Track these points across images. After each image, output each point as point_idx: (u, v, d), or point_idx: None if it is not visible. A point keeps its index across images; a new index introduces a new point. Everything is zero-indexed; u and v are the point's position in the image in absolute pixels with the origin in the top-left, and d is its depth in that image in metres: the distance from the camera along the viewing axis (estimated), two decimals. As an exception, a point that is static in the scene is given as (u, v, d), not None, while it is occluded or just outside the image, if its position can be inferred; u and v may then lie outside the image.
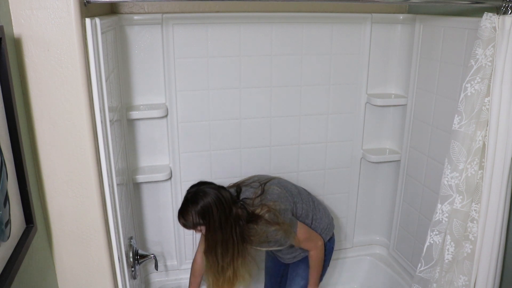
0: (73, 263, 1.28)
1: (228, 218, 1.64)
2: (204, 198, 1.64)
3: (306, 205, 1.85)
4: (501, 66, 1.42)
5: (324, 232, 1.89)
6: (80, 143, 1.18)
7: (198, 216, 1.64)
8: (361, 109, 2.29)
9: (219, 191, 1.67)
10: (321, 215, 1.90)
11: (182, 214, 1.68)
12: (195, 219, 1.64)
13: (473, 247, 1.61)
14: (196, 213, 1.64)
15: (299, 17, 2.06)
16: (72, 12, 1.08)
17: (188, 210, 1.66)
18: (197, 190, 1.68)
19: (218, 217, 1.63)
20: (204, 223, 1.65)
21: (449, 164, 1.58)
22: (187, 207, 1.66)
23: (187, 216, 1.66)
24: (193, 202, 1.65)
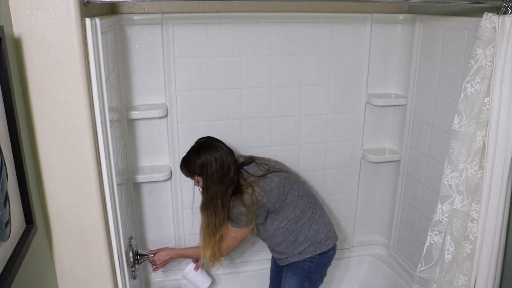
0: (73, 263, 1.28)
1: (224, 177, 1.70)
2: (207, 151, 1.71)
3: (300, 212, 1.82)
4: (501, 66, 1.42)
5: (314, 245, 1.84)
6: (80, 143, 1.18)
7: (198, 166, 1.71)
8: (361, 109, 2.29)
9: (224, 151, 1.73)
10: (318, 227, 1.85)
11: (184, 161, 1.77)
12: (194, 168, 1.72)
13: (473, 247, 1.61)
14: (196, 162, 1.71)
15: (299, 17, 2.06)
16: (72, 12, 1.08)
17: (190, 158, 1.74)
18: (204, 142, 1.76)
19: (215, 172, 1.69)
20: (202, 174, 1.72)
21: (449, 164, 1.58)
22: (190, 155, 1.74)
23: (188, 164, 1.74)
24: (197, 152, 1.73)
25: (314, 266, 1.86)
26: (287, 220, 1.81)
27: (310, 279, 1.87)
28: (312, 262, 1.85)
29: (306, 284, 1.88)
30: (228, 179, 1.71)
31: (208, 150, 1.71)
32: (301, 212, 1.83)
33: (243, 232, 1.80)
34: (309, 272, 1.86)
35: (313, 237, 1.83)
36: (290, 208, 1.80)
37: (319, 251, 1.84)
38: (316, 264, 1.86)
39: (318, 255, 1.85)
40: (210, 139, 1.79)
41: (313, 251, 1.84)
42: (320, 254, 1.85)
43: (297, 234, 1.83)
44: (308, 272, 1.86)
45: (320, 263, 1.87)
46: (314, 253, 1.84)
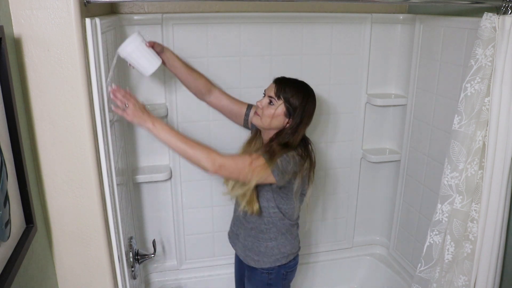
0: (73, 263, 1.28)
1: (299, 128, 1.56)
2: (314, 102, 1.59)
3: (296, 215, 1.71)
4: (501, 66, 1.42)
5: (280, 254, 1.71)
6: (80, 143, 1.18)
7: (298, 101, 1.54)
8: (361, 109, 2.29)
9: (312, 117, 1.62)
10: (285, 242, 1.71)
11: (289, 80, 1.59)
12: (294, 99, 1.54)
13: (473, 247, 1.61)
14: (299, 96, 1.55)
15: (299, 17, 2.06)
16: (72, 12, 1.08)
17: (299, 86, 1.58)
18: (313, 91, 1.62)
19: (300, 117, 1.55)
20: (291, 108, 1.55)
21: (449, 164, 1.58)
22: (301, 85, 1.59)
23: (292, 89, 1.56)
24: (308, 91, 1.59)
25: (273, 278, 1.74)
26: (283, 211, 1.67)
27: None
28: (270, 274, 1.73)
29: None
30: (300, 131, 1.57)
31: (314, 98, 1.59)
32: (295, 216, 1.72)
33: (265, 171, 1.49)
34: (269, 284, 1.74)
35: (282, 247, 1.71)
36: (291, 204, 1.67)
37: (278, 263, 1.71)
38: (275, 276, 1.73)
39: (277, 266, 1.72)
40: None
41: (272, 263, 1.71)
42: (279, 266, 1.72)
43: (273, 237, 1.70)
44: (267, 284, 1.74)
45: (280, 274, 1.74)
46: (274, 264, 1.71)
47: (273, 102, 1.57)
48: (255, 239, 1.71)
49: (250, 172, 1.49)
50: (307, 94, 1.58)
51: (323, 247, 2.52)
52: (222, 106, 1.80)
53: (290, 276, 1.80)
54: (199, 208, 2.25)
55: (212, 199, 2.26)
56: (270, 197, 1.63)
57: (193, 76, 1.72)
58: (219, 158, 1.44)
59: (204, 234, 2.31)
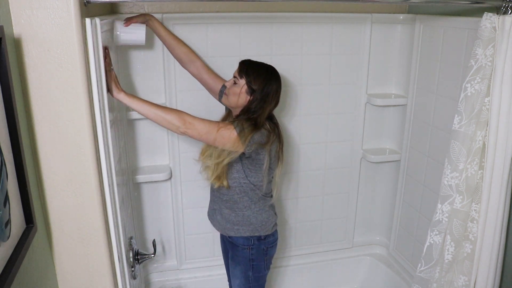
0: (73, 263, 1.28)
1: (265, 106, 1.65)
2: (277, 82, 1.67)
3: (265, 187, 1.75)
4: (501, 66, 1.42)
5: (258, 223, 1.76)
6: (80, 143, 1.18)
7: (259, 79, 1.64)
8: (361, 109, 2.29)
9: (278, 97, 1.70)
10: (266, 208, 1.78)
11: (251, 63, 1.69)
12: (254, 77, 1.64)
13: (473, 247, 1.61)
14: (261, 75, 1.65)
15: (299, 17, 2.06)
16: (72, 12, 1.08)
17: (259, 68, 1.67)
18: (277, 72, 1.71)
19: (265, 96, 1.64)
20: (253, 87, 1.64)
21: (449, 164, 1.58)
22: (262, 67, 1.68)
23: (254, 70, 1.66)
24: (270, 72, 1.68)
25: (255, 253, 1.80)
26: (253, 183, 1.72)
27: (253, 267, 1.81)
28: (251, 249, 1.78)
29: (251, 273, 1.82)
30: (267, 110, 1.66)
31: (277, 76, 1.69)
32: (266, 187, 1.76)
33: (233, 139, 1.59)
34: (251, 259, 1.80)
35: (259, 215, 1.76)
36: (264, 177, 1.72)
37: (257, 233, 1.77)
38: (256, 251, 1.79)
39: (256, 241, 1.78)
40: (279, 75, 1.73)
41: (251, 232, 1.77)
42: (258, 239, 1.78)
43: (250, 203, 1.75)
44: (250, 260, 1.80)
45: (260, 249, 1.80)
46: (253, 234, 1.77)
47: (237, 82, 1.67)
48: (231, 211, 1.78)
49: (219, 137, 1.59)
50: (268, 74, 1.67)
51: (323, 247, 2.52)
52: (201, 79, 1.89)
53: (271, 251, 1.86)
54: (199, 208, 2.24)
55: (212, 199, 2.26)
56: (240, 168, 1.71)
57: (176, 44, 1.81)
58: (189, 118, 1.56)
59: (204, 234, 2.31)
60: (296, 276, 2.47)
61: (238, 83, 1.67)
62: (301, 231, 2.46)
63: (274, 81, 1.68)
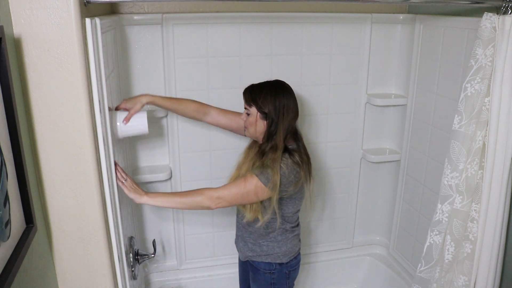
0: (73, 263, 1.28)
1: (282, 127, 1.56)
2: (285, 94, 1.58)
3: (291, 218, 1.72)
4: (501, 66, 1.42)
5: (281, 252, 1.72)
6: (80, 143, 1.18)
7: (267, 102, 1.56)
8: (361, 109, 2.29)
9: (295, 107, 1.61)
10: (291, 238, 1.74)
11: (253, 87, 1.62)
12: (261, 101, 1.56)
13: (473, 247, 1.61)
14: (268, 98, 1.57)
15: (299, 17, 2.06)
16: (72, 12, 1.08)
17: (263, 89, 1.59)
18: (283, 83, 1.63)
19: (278, 118, 1.55)
20: (264, 111, 1.57)
21: (449, 164, 1.58)
22: (265, 87, 1.60)
23: (257, 93, 1.58)
24: (274, 89, 1.59)
25: (276, 278, 1.75)
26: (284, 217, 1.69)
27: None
28: (273, 273, 1.74)
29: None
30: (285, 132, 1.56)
31: (286, 93, 1.59)
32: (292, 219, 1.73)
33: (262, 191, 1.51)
34: (272, 284, 1.76)
35: (283, 246, 1.72)
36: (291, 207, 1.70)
37: (279, 260, 1.73)
38: (278, 275, 1.75)
39: (278, 266, 1.73)
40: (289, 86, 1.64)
41: (272, 259, 1.73)
42: (280, 264, 1.73)
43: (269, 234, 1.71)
44: (271, 284, 1.76)
45: (283, 273, 1.75)
46: (275, 261, 1.72)
47: (248, 112, 1.62)
48: (254, 242, 1.74)
49: (248, 195, 1.53)
50: (274, 91, 1.59)
51: (323, 247, 2.52)
52: (221, 125, 1.84)
53: (293, 274, 1.81)
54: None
55: (212, 199, 2.26)
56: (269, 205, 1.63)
57: (182, 106, 1.76)
58: (214, 192, 1.52)
59: (204, 234, 2.31)
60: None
61: (250, 113, 1.61)
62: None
63: (282, 94, 1.59)
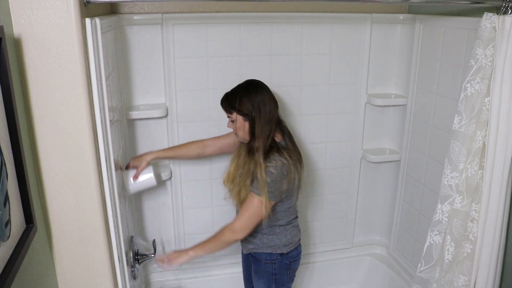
0: (73, 263, 1.28)
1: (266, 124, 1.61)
2: (257, 91, 1.62)
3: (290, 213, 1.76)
4: (501, 66, 1.42)
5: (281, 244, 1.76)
6: (80, 143, 1.18)
7: (243, 103, 1.60)
8: (361, 109, 2.29)
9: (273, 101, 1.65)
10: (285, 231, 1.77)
11: (228, 95, 1.66)
12: (238, 105, 1.61)
13: (473, 247, 1.61)
14: (243, 100, 1.61)
15: (299, 17, 2.06)
16: (72, 12, 1.08)
17: (235, 94, 1.64)
18: (253, 81, 1.68)
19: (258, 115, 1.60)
20: (243, 112, 1.61)
21: (449, 164, 1.58)
22: (238, 90, 1.65)
23: (231, 99, 1.63)
24: (246, 90, 1.63)
25: (277, 268, 1.79)
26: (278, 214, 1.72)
27: (276, 281, 1.81)
28: (274, 263, 1.78)
29: (274, 286, 1.81)
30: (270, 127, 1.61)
31: (258, 90, 1.62)
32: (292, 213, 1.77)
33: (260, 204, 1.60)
34: (274, 274, 1.80)
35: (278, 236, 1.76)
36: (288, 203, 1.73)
37: (279, 251, 1.77)
38: (279, 265, 1.79)
39: (279, 256, 1.77)
40: (260, 82, 1.68)
41: (273, 250, 1.77)
42: (281, 254, 1.77)
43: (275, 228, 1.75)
44: (273, 274, 1.80)
45: (283, 263, 1.79)
46: (275, 251, 1.76)
47: (232, 119, 1.67)
48: (255, 235, 1.77)
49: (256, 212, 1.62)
50: (246, 92, 1.63)
51: (323, 247, 2.52)
52: (222, 147, 1.94)
53: (294, 265, 1.85)
54: (199, 208, 2.25)
55: (212, 199, 2.26)
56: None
57: (183, 150, 1.94)
58: (233, 226, 1.66)
59: (204, 234, 2.29)
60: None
61: (234, 119, 1.66)
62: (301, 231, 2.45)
63: (255, 91, 1.63)
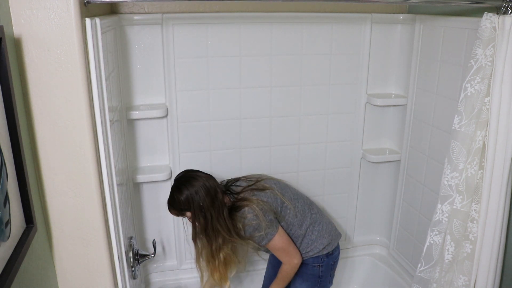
0: (73, 263, 1.28)
1: (214, 203, 1.68)
2: (187, 185, 1.69)
3: (300, 215, 1.82)
4: (501, 66, 1.42)
5: (320, 246, 1.85)
6: (80, 143, 1.18)
7: (183, 203, 1.69)
8: (361, 109, 2.29)
9: (204, 178, 1.72)
10: (321, 228, 1.86)
11: (170, 202, 1.75)
12: (181, 205, 1.70)
13: (473, 247, 1.61)
14: (181, 200, 1.69)
15: (299, 17, 2.06)
16: (72, 12, 1.08)
17: (174, 198, 1.72)
18: (181, 177, 1.75)
19: (203, 201, 1.67)
20: (189, 208, 1.69)
21: (449, 164, 1.58)
22: (173, 195, 1.73)
23: (174, 204, 1.73)
24: (178, 189, 1.71)
25: (324, 270, 1.86)
26: (291, 226, 1.80)
27: (320, 283, 1.87)
28: (321, 266, 1.85)
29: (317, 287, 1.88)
30: (218, 202, 1.69)
31: (188, 183, 1.70)
32: (302, 215, 1.83)
33: (281, 236, 1.74)
34: (320, 276, 1.86)
35: (318, 239, 1.84)
36: (290, 212, 1.80)
37: (326, 251, 1.85)
38: (325, 268, 1.86)
39: (326, 258, 1.86)
40: (186, 172, 1.78)
41: (319, 252, 1.84)
42: (327, 255, 1.86)
43: (302, 239, 1.83)
44: (319, 277, 1.86)
45: (329, 265, 1.88)
46: (321, 253, 1.84)
47: (187, 216, 1.75)
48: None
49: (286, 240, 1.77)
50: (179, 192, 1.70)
51: (323, 247, 2.52)
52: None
53: (336, 265, 1.92)
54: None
55: (212, 199, 2.26)
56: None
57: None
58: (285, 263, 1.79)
59: (204, 234, 2.31)
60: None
61: (189, 216, 1.74)
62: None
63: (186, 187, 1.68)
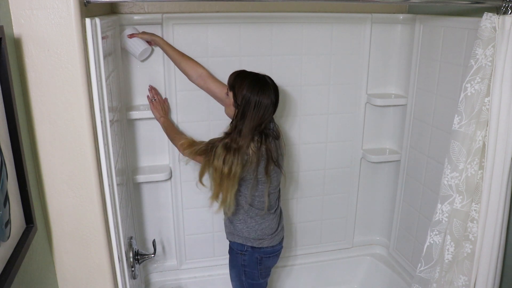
0: (73, 263, 1.28)
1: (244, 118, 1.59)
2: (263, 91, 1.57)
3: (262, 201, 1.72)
4: (501, 66, 1.42)
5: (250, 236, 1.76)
6: (80, 143, 1.18)
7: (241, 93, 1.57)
8: (361, 109, 2.29)
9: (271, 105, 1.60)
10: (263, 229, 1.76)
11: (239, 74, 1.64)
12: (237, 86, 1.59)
13: (473, 247, 1.61)
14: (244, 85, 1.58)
15: (299, 17, 2.06)
16: (72, 12, 1.08)
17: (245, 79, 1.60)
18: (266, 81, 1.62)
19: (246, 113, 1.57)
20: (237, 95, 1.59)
21: (449, 164, 1.58)
22: (248, 78, 1.61)
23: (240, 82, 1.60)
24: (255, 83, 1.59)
25: (247, 260, 1.77)
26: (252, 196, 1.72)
27: (245, 273, 1.80)
28: (244, 255, 1.78)
29: (244, 278, 1.81)
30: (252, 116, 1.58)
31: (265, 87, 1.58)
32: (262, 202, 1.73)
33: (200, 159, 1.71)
34: (243, 265, 1.79)
35: (251, 231, 1.75)
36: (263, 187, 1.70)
37: (251, 244, 1.76)
38: (249, 258, 1.77)
39: (250, 249, 1.76)
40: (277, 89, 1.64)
41: (244, 241, 1.76)
42: (252, 247, 1.76)
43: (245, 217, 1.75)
44: (242, 265, 1.79)
45: (254, 257, 1.77)
46: (246, 243, 1.76)
47: (228, 94, 1.66)
48: (229, 220, 1.82)
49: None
50: (252, 86, 1.58)
51: (323, 247, 2.52)
52: (208, 89, 1.90)
53: (267, 262, 1.82)
54: (199, 208, 2.25)
55: (212, 199, 2.26)
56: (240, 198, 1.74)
57: (180, 58, 1.88)
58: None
59: (204, 234, 2.31)
60: (296, 276, 2.47)
61: (228, 94, 1.66)
62: (301, 231, 2.46)
63: (261, 91, 1.57)
